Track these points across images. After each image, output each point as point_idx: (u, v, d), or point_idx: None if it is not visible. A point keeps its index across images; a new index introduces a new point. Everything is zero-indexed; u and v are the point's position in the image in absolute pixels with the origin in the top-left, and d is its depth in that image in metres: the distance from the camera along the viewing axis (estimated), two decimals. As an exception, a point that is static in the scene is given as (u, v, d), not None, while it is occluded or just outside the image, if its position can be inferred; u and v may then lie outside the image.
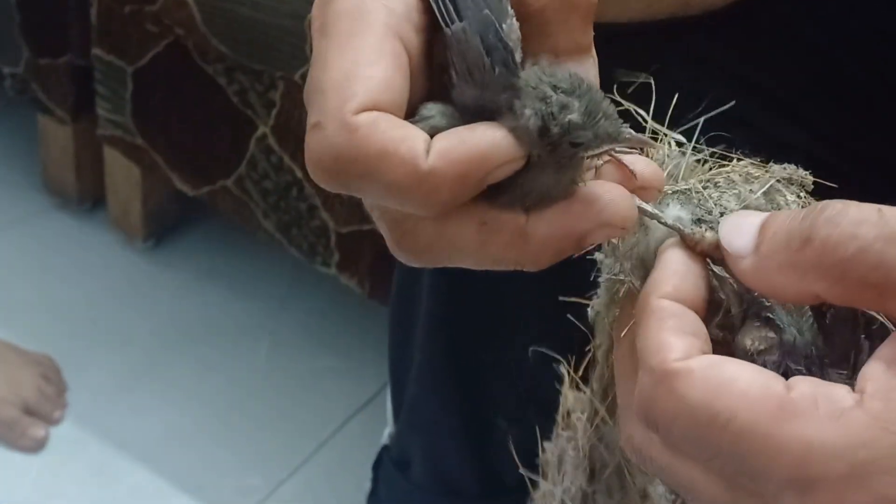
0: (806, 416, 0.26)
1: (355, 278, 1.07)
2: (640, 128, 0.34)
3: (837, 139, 0.59)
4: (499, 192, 0.28)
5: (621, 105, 0.34)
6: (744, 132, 0.58)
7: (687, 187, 0.32)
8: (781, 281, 0.28)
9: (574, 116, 0.28)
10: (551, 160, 0.28)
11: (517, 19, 0.29)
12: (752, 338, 0.29)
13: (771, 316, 0.30)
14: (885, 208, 0.27)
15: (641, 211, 0.31)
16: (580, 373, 0.42)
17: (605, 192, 0.29)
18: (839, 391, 0.26)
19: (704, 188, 0.33)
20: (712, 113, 0.35)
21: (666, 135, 0.34)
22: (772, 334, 0.29)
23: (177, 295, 1.04)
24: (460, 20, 0.28)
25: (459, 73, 0.28)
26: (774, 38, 0.58)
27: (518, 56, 0.28)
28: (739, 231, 0.29)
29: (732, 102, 0.36)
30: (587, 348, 0.40)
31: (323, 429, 1.07)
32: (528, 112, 0.28)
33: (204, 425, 1.06)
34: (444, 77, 0.29)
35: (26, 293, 1.17)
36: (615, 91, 0.34)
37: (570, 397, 0.42)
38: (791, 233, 0.28)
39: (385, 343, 0.76)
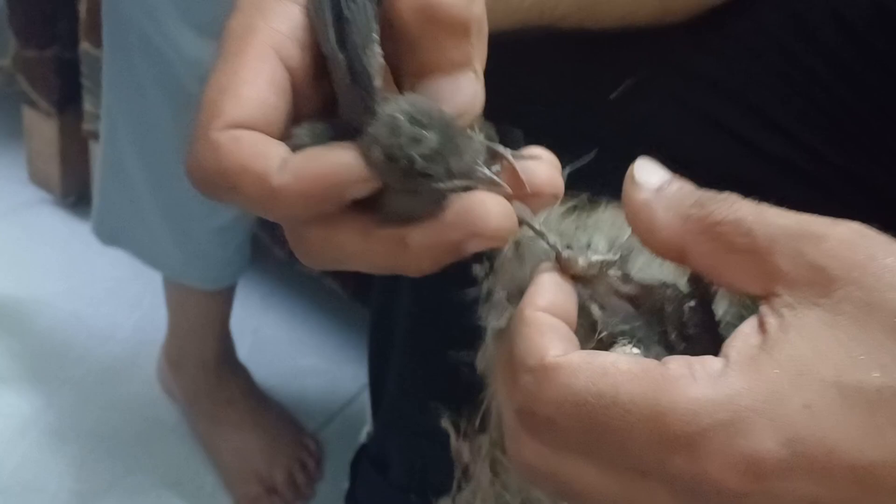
0: (685, 379, 0.27)
1: (338, 280, 1.07)
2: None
3: (812, 145, 0.60)
4: (375, 205, 0.29)
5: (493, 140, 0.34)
6: (722, 139, 0.59)
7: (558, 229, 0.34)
8: (664, 225, 0.30)
9: (421, 150, 0.28)
10: (405, 187, 0.29)
11: (389, 40, 0.30)
12: (618, 352, 0.30)
13: (637, 335, 0.31)
14: (766, 205, 0.30)
15: (526, 224, 0.31)
16: (476, 423, 0.42)
17: (477, 203, 0.30)
18: (708, 359, 0.28)
19: (576, 229, 0.34)
20: (577, 164, 0.35)
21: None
22: (636, 350, 0.31)
23: (161, 292, 1.04)
24: (337, 41, 0.29)
25: (337, 92, 0.29)
26: (753, 45, 0.59)
27: (377, 82, 0.29)
28: (652, 170, 0.31)
29: (594, 153, 0.36)
30: (480, 397, 0.41)
31: (304, 427, 1.07)
32: (368, 140, 0.28)
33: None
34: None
35: (10, 285, 1.17)
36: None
37: (466, 450, 0.43)
38: (691, 190, 0.31)
39: (366, 343, 0.77)
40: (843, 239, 0.29)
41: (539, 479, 0.30)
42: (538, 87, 0.56)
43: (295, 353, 1.15)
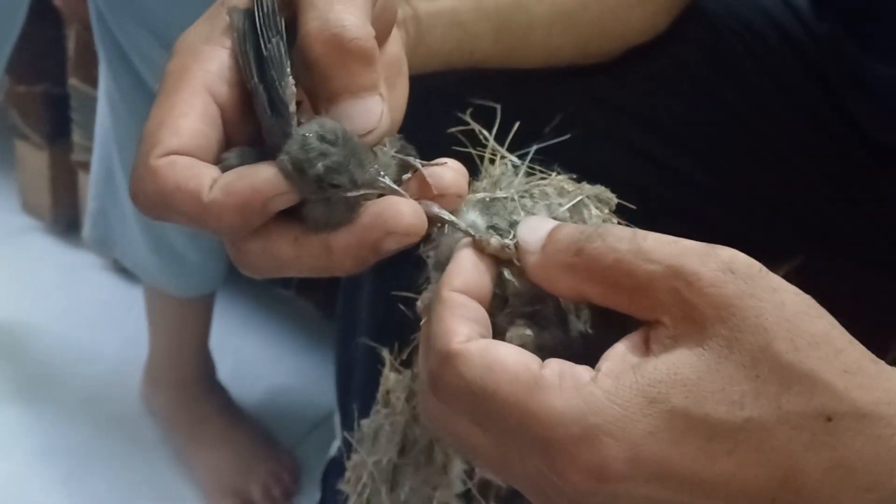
0: (552, 388, 0.30)
1: (312, 301, 1.12)
2: (482, 146, 0.39)
3: (726, 168, 0.64)
4: (299, 217, 0.34)
5: (468, 125, 0.39)
6: (644, 165, 0.63)
7: (504, 196, 0.37)
8: (558, 278, 0.33)
9: (327, 163, 0.32)
10: (319, 196, 0.33)
11: (304, 68, 0.34)
12: (512, 335, 0.34)
13: (537, 317, 0.34)
14: (639, 231, 0.32)
15: (439, 217, 0.35)
16: (403, 357, 0.46)
17: (388, 206, 0.33)
18: (581, 370, 0.31)
19: (521, 198, 0.37)
20: (552, 142, 0.40)
21: (503, 156, 0.39)
22: (528, 332, 0.34)
23: (145, 316, 1.08)
24: (258, 77, 0.34)
25: (260, 121, 0.34)
26: (671, 80, 0.63)
27: (292, 108, 0.33)
28: (533, 231, 0.34)
29: (568, 135, 0.41)
30: (412, 336, 0.44)
31: (282, 443, 1.11)
32: (283, 156, 0.33)
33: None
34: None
35: (1, 308, 1.21)
36: (468, 114, 0.39)
37: (391, 378, 0.46)
38: (570, 241, 0.33)
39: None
40: (713, 278, 0.31)
41: (440, 430, 0.34)
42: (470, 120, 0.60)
43: (273, 372, 1.19)
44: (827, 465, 0.30)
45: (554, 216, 0.36)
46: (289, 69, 0.34)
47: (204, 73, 0.34)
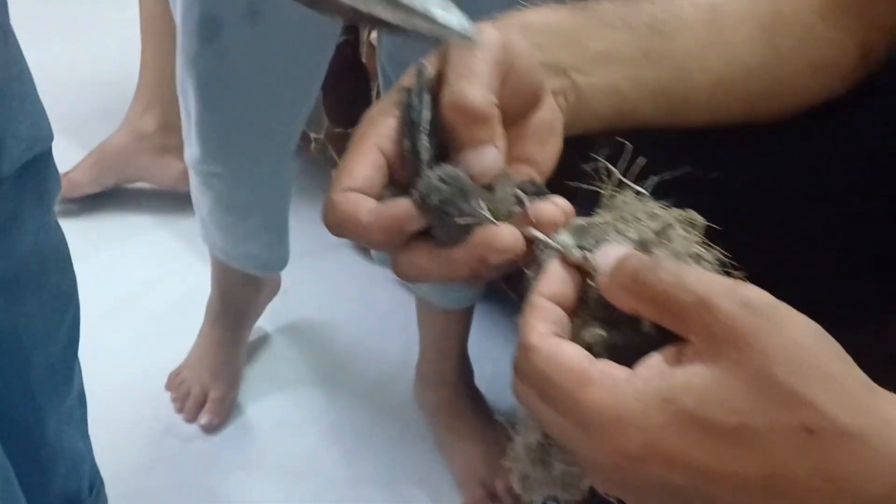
0: (595, 384, 0.38)
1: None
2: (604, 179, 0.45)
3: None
4: (433, 238, 0.44)
5: (598, 161, 0.46)
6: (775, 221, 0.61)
7: (601, 221, 0.43)
8: (621, 296, 0.40)
9: (439, 197, 0.42)
10: (439, 223, 0.43)
11: (444, 129, 0.44)
12: (587, 333, 0.41)
13: (612, 319, 0.41)
14: (686, 267, 0.39)
15: (536, 238, 0.43)
16: None
17: (493, 230, 0.42)
18: (620, 371, 0.38)
19: (616, 222, 0.43)
20: (672, 174, 0.45)
21: (626, 185, 0.45)
22: (601, 332, 0.40)
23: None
24: (407, 136, 0.45)
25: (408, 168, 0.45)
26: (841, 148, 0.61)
27: (423, 156, 0.44)
28: (607, 256, 0.41)
29: (688, 168, 0.46)
30: None
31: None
32: (414, 192, 0.43)
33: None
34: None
35: (313, 309, 1.44)
36: (597, 152, 0.46)
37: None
38: (633, 269, 0.40)
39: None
40: (731, 312, 0.37)
41: (522, 402, 0.41)
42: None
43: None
44: (809, 469, 0.35)
45: (642, 237, 0.42)
46: (425, 129, 0.45)
47: (376, 135, 0.45)
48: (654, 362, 0.38)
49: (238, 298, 1.31)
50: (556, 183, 0.48)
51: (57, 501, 0.95)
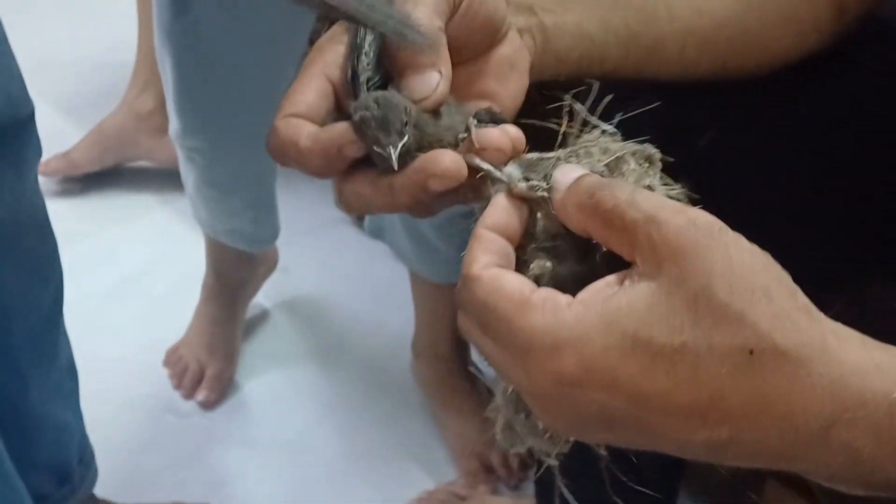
0: (536, 309, 0.37)
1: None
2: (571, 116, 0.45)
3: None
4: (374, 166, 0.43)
5: (560, 98, 0.45)
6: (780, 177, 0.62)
7: (551, 156, 0.43)
8: (572, 214, 0.40)
9: (363, 114, 0.42)
10: (375, 148, 0.42)
11: (388, 55, 0.44)
12: (534, 265, 0.41)
13: (558, 252, 0.41)
14: (640, 189, 0.39)
15: (479, 167, 0.42)
16: None
17: (432, 155, 0.42)
18: (561, 297, 0.37)
19: (568, 158, 0.42)
20: (637, 111, 0.45)
21: (595, 125, 0.44)
22: (548, 263, 0.40)
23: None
24: (350, 62, 0.44)
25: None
26: (835, 102, 0.61)
27: (363, 77, 0.44)
28: (565, 175, 0.41)
29: (657, 104, 0.46)
30: None
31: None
32: (352, 115, 0.43)
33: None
34: None
35: (312, 285, 1.43)
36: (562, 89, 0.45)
37: None
38: (588, 186, 0.39)
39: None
40: (678, 227, 0.36)
41: (467, 337, 0.41)
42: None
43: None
44: (747, 392, 0.35)
45: (593, 170, 0.41)
46: (368, 53, 0.44)
47: (323, 62, 0.45)
48: (597, 287, 0.38)
49: (232, 274, 1.31)
50: (517, 124, 0.47)
51: (44, 472, 0.95)
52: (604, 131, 0.44)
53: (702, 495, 1.11)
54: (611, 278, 0.38)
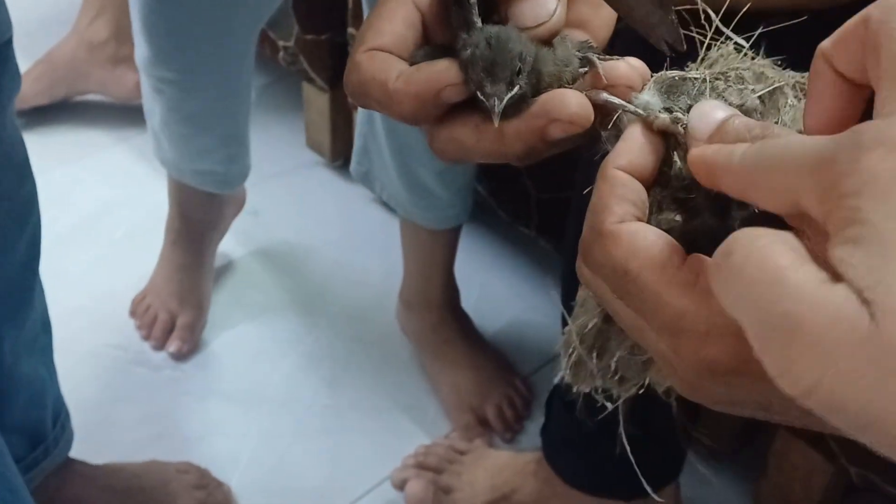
0: (688, 287, 0.32)
1: (552, 241, 1.18)
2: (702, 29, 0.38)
3: None
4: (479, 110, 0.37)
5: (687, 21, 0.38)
6: None
7: (696, 76, 0.36)
8: (713, 174, 0.32)
9: (473, 53, 0.36)
10: (490, 89, 0.36)
11: None
12: (661, 218, 0.35)
13: (693, 202, 0.35)
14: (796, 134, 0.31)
15: (609, 104, 0.37)
16: None
17: (554, 96, 0.36)
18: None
19: (714, 80, 0.36)
20: (781, 25, 0.39)
21: (728, 37, 0.38)
22: (678, 218, 0.34)
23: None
24: None
25: (452, 24, 0.38)
26: None
27: (475, 10, 0.37)
28: (704, 119, 0.34)
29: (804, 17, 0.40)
30: None
31: (518, 371, 1.19)
32: (462, 51, 0.37)
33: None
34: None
35: (286, 232, 1.38)
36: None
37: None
38: (737, 136, 0.33)
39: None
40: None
41: (590, 288, 0.36)
42: None
43: (514, 306, 1.27)
44: None
45: (743, 102, 0.35)
46: None
47: None
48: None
49: (199, 217, 1.23)
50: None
51: (17, 435, 0.87)
52: (737, 47, 0.38)
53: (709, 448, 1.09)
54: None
